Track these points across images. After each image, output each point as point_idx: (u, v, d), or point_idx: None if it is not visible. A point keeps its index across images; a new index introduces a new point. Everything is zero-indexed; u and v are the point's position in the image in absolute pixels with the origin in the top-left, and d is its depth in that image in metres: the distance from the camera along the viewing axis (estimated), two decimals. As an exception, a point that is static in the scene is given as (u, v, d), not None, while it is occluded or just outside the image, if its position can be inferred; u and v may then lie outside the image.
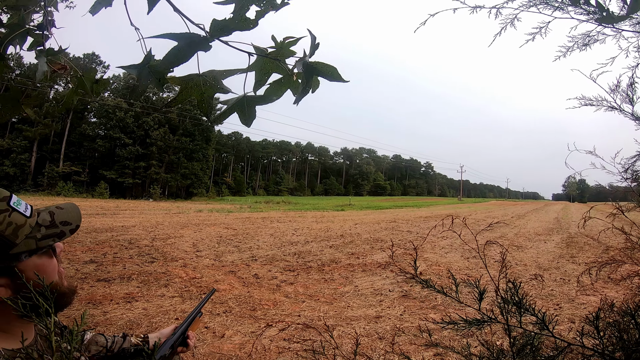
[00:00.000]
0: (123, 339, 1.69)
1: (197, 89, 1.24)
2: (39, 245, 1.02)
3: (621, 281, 1.85)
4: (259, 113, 1.29)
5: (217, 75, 1.24)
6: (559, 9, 1.58)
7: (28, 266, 1.01)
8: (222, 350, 4.12)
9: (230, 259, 8.94)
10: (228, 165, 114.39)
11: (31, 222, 1.03)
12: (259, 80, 1.26)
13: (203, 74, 1.22)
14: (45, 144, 56.92)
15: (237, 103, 1.26)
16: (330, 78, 1.24)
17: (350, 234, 14.53)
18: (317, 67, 1.21)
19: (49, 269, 1.07)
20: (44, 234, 1.03)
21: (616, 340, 1.21)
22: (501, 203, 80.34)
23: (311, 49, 1.18)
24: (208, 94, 1.25)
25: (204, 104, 1.26)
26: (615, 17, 1.27)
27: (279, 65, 1.25)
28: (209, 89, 1.25)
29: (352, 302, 5.93)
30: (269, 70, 1.26)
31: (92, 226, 13.66)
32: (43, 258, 1.06)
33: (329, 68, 1.22)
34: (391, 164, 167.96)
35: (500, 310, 1.32)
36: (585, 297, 6.24)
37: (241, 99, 1.26)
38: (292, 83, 1.29)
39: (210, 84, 1.24)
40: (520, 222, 23.32)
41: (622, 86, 1.55)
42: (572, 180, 1.79)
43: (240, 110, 1.26)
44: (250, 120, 1.26)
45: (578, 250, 11.40)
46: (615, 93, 1.56)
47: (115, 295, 5.85)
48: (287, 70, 1.26)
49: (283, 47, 1.22)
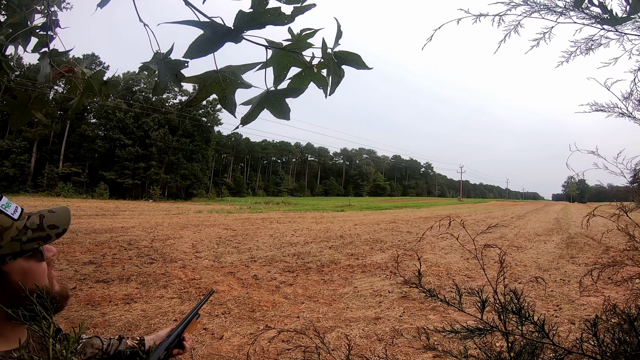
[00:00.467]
0: (119, 341, 1.67)
1: (217, 85, 1.19)
2: (24, 248, 1.01)
3: (622, 283, 1.84)
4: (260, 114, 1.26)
5: (236, 70, 1.20)
6: (561, 15, 1.57)
7: (14, 269, 1.00)
8: (221, 351, 4.11)
9: (230, 260, 8.93)
10: (228, 166, 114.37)
11: (18, 224, 1.02)
12: (278, 75, 1.22)
13: (221, 69, 1.16)
14: (45, 144, 56.91)
15: (264, 100, 1.21)
16: (356, 66, 1.22)
17: (349, 235, 14.53)
18: (342, 55, 1.19)
19: (37, 272, 1.06)
20: (29, 236, 1.02)
21: (615, 347, 1.20)
22: (501, 203, 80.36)
23: (337, 38, 1.16)
24: (229, 90, 1.21)
25: (227, 101, 1.21)
26: (619, 18, 1.26)
27: (296, 58, 1.21)
28: (230, 85, 1.20)
29: (351, 303, 5.92)
30: (286, 64, 1.22)
31: (92, 227, 13.65)
32: (30, 261, 1.04)
33: (354, 56, 1.20)
34: (391, 165, 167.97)
35: (499, 316, 1.31)
36: (585, 298, 6.23)
37: (266, 95, 1.21)
38: (314, 75, 1.25)
39: (230, 79, 1.19)
40: (520, 222, 23.32)
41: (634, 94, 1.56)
42: (572, 180, 1.79)
43: (272, 106, 1.21)
44: (286, 113, 1.20)
45: (578, 251, 11.40)
46: (628, 101, 1.56)
47: (114, 296, 5.84)
48: (305, 63, 1.22)
49: (300, 39, 1.18)
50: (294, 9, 1.09)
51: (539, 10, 1.61)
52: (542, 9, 1.61)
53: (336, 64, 1.20)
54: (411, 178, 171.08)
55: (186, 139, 64.74)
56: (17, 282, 1.00)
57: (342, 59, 1.20)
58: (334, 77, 1.23)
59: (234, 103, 1.22)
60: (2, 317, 1.01)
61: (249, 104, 1.23)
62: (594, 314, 1.27)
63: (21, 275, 1.01)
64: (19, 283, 1.00)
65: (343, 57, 1.20)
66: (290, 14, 1.09)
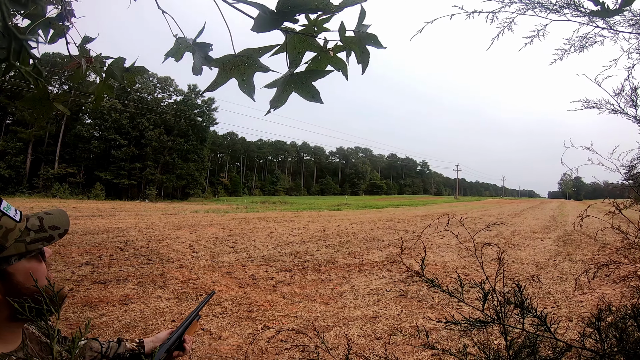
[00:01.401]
0: (118, 344, 1.67)
1: (236, 69, 1.19)
2: (29, 248, 1.02)
3: (620, 282, 1.84)
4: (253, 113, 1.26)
5: (253, 53, 1.18)
6: (555, 12, 1.57)
7: (18, 270, 1.02)
8: (219, 352, 4.11)
9: (227, 260, 8.92)
10: (224, 166, 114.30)
11: (20, 226, 1.03)
12: (293, 60, 1.20)
13: (239, 53, 1.16)
14: (40, 145, 56.68)
15: (290, 83, 1.19)
16: (375, 45, 1.23)
17: (346, 234, 14.53)
18: (364, 36, 1.19)
19: (38, 273, 1.07)
20: (33, 237, 1.04)
21: (616, 342, 1.21)
22: (497, 201, 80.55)
23: (360, 18, 1.16)
24: (247, 74, 1.20)
25: (246, 84, 1.20)
26: (610, 10, 1.26)
27: (310, 43, 1.20)
28: (248, 69, 1.19)
29: (349, 302, 5.93)
30: (301, 49, 1.20)
31: (88, 228, 13.60)
32: (32, 262, 1.06)
33: (373, 37, 1.21)
34: (387, 163, 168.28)
35: (496, 312, 1.32)
36: (582, 295, 6.26)
37: (290, 78, 1.19)
38: (331, 59, 1.24)
39: (249, 63, 1.18)
40: (517, 220, 23.40)
41: (626, 90, 1.56)
42: (567, 177, 1.79)
43: (300, 89, 1.19)
44: (317, 96, 1.18)
45: (575, 248, 11.44)
46: (619, 97, 1.57)
47: (111, 297, 5.82)
48: (320, 47, 1.21)
49: (316, 24, 1.17)
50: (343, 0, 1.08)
51: (532, 8, 1.62)
52: (536, 7, 1.61)
53: (363, 43, 1.20)
54: (407, 176, 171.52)
55: (181, 139, 64.57)
56: (21, 283, 1.02)
57: (366, 39, 1.21)
58: (364, 56, 1.23)
59: (253, 87, 1.21)
60: (2, 319, 1.03)
61: (273, 87, 1.20)
62: (591, 312, 1.28)
63: (25, 276, 1.03)
64: (23, 284, 1.02)
65: (365, 38, 1.20)
66: (339, 4, 1.08)
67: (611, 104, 1.60)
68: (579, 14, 1.53)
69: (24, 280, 1.02)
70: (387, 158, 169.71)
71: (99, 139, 59.74)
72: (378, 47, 1.23)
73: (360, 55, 1.23)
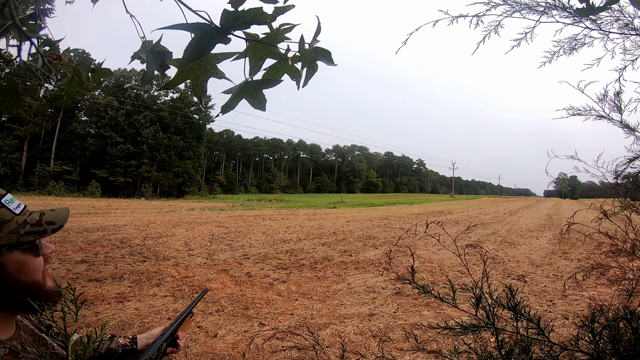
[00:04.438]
0: (110, 340, 1.68)
1: (192, 72, 1.24)
2: (20, 240, 1.04)
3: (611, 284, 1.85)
4: (250, 110, 1.30)
5: (212, 59, 1.24)
6: (544, 14, 1.57)
7: (9, 260, 1.03)
8: (215, 349, 4.10)
9: (223, 258, 8.92)
10: (220, 163, 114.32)
11: (19, 219, 1.05)
12: (253, 66, 1.26)
13: None
14: (36, 143, 56.43)
15: (242, 89, 1.25)
16: (325, 61, 1.28)
17: (342, 232, 14.54)
18: (318, 51, 1.26)
19: (32, 267, 1.09)
20: (27, 230, 1.05)
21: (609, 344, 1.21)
22: (493, 200, 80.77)
23: (315, 34, 1.21)
24: (202, 78, 1.26)
25: (198, 88, 1.26)
26: (595, 8, 1.26)
27: (271, 50, 1.25)
28: (204, 74, 1.25)
29: (345, 300, 5.93)
30: (262, 55, 1.26)
31: (84, 226, 13.56)
32: (26, 255, 1.08)
33: (326, 52, 1.27)
34: (383, 161, 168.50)
35: (487, 315, 1.32)
36: (578, 293, 6.28)
37: (244, 85, 1.25)
38: (288, 67, 1.29)
39: (205, 68, 1.24)
40: (512, 218, 23.46)
41: (609, 95, 1.55)
42: (563, 177, 1.80)
43: (249, 96, 1.26)
44: (262, 104, 1.26)
45: (570, 247, 11.48)
46: (604, 102, 1.56)
47: (107, 295, 5.81)
48: (281, 55, 1.26)
49: (278, 33, 1.22)
50: (274, 9, 1.13)
51: (519, 10, 1.61)
52: (524, 9, 1.60)
53: (316, 57, 1.26)
54: (403, 175, 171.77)
55: (177, 137, 64.42)
56: (11, 274, 1.03)
57: (318, 54, 1.26)
58: (309, 70, 1.29)
59: (205, 91, 1.29)
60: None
61: (229, 93, 1.27)
62: (587, 310, 1.28)
63: (16, 267, 1.04)
64: (13, 275, 1.04)
65: (318, 52, 1.26)
66: (272, 13, 1.12)
67: (596, 110, 1.60)
68: (568, 15, 1.53)
69: (14, 272, 1.04)
70: (383, 156, 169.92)
71: (95, 137, 59.53)
72: (329, 63, 1.29)
73: (308, 67, 1.28)
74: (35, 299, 0.99)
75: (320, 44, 1.25)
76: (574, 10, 1.48)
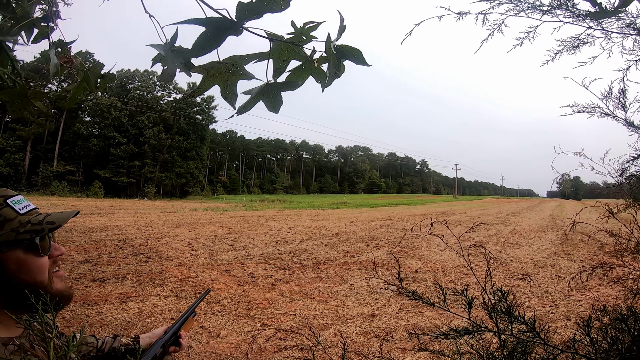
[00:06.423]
0: (113, 339, 1.69)
1: (219, 76, 1.19)
2: (18, 238, 1.03)
3: (614, 283, 1.85)
4: (253, 111, 1.26)
5: (239, 60, 1.18)
6: (547, 13, 1.57)
7: (9, 258, 1.03)
8: (218, 349, 4.11)
9: (226, 258, 8.93)
10: (223, 164, 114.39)
11: (22, 219, 1.06)
12: (277, 68, 1.21)
13: (224, 60, 1.15)
14: (39, 143, 56.53)
15: (262, 91, 1.21)
16: (356, 61, 1.20)
17: (345, 232, 14.54)
18: (345, 50, 1.17)
19: (34, 266, 1.08)
20: (26, 229, 1.05)
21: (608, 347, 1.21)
22: (496, 200, 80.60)
23: (339, 31, 1.14)
24: (231, 81, 1.20)
25: (228, 92, 1.20)
26: (608, 11, 1.26)
27: (297, 51, 1.20)
28: (232, 76, 1.20)
29: (347, 300, 5.93)
30: (287, 57, 1.20)
31: (87, 226, 13.59)
32: (28, 254, 1.07)
33: (356, 51, 1.18)
34: (386, 162, 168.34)
35: (489, 315, 1.32)
36: (581, 293, 6.26)
37: (265, 87, 1.21)
38: (314, 69, 1.24)
39: (232, 70, 1.19)
40: (515, 219, 23.41)
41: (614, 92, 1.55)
42: (566, 177, 1.79)
43: (266, 98, 1.22)
44: (277, 106, 1.22)
45: (573, 248, 11.44)
46: (608, 99, 1.56)
47: (110, 295, 5.82)
48: (306, 56, 1.21)
49: (303, 32, 1.17)
50: None
51: (524, 9, 1.61)
52: (528, 8, 1.60)
53: (337, 58, 1.19)
54: (406, 175, 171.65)
55: (180, 137, 64.49)
56: (11, 272, 1.03)
57: (344, 53, 1.18)
58: (333, 70, 1.21)
59: (235, 94, 1.21)
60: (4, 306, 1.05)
61: (249, 94, 1.22)
62: (589, 310, 1.28)
63: (16, 265, 1.04)
64: (15, 273, 1.04)
65: (345, 52, 1.18)
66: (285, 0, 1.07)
67: (600, 107, 1.59)
68: (571, 14, 1.53)
69: (14, 270, 1.04)
70: (386, 157, 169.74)
71: (98, 137, 59.61)
72: (360, 63, 1.20)
73: (332, 67, 1.20)
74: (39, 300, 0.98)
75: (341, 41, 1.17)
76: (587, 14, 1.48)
